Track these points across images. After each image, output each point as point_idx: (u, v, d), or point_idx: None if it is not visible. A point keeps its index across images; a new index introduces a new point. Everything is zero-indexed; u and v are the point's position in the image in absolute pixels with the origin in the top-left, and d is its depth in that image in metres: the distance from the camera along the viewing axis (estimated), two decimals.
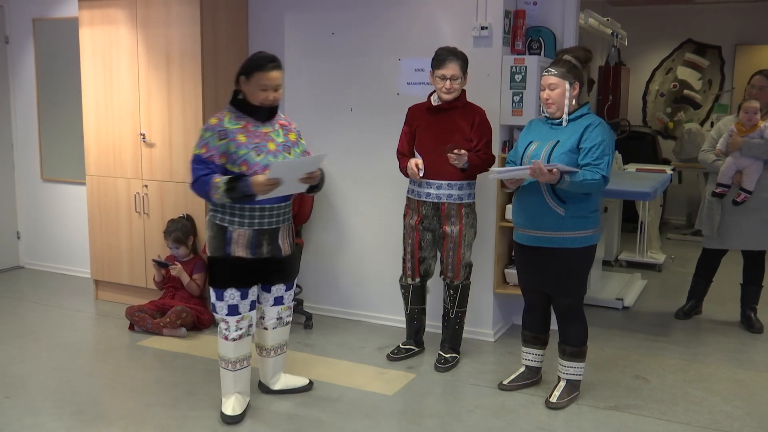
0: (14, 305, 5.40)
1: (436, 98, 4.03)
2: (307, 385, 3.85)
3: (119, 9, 5.05)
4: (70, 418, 3.51)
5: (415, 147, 4.08)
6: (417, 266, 4.19)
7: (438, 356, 4.20)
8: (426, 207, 4.08)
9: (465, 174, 3.98)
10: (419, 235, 4.13)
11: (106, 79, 5.19)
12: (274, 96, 3.42)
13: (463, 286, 4.13)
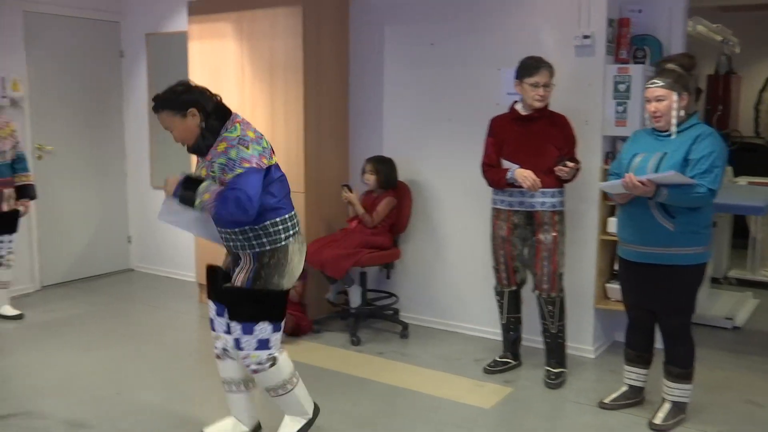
0: (125, 306, 5.66)
1: (523, 107, 4.00)
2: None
3: (226, 23, 5.23)
4: (176, 417, 3.64)
5: (502, 157, 4.04)
6: (512, 275, 4.16)
7: (546, 372, 4.12)
8: (518, 216, 4.04)
9: (556, 182, 3.94)
10: (511, 245, 4.09)
11: (213, 90, 5.35)
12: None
13: (560, 299, 4.05)
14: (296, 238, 3.08)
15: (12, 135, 5.11)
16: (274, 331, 3.06)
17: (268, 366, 3.07)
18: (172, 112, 2.94)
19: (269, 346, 3.05)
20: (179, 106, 2.93)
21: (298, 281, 4.90)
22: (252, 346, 3.03)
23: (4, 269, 5.23)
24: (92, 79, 6.36)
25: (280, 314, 3.08)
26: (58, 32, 6.07)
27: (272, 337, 3.06)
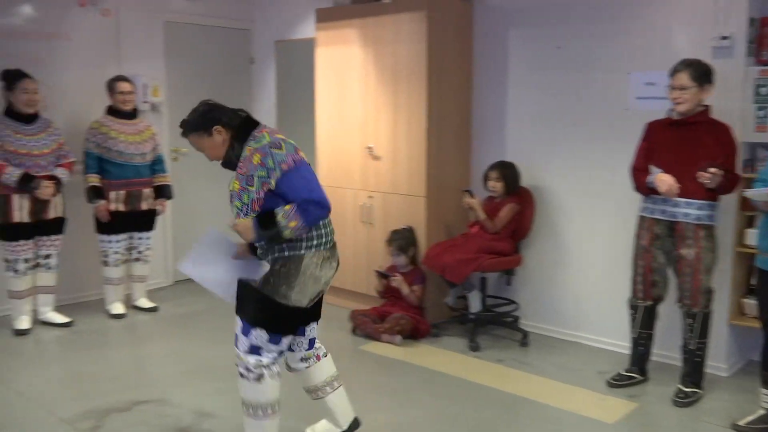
0: None
1: (676, 112, 3.83)
2: None
3: (352, 29, 5.33)
4: (296, 413, 3.74)
5: (652, 162, 3.88)
6: (648, 289, 3.99)
7: (677, 390, 3.93)
8: (660, 226, 3.87)
9: (707, 193, 3.73)
10: (651, 256, 3.92)
11: (338, 95, 5.51)
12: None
13: (704, 314, 3.84)
14: (318, 252, 2.96)
15: (152, 138, 5.42)
16: (270, 341, 2.94)
17: (252, 377, 2.96)
18: (199, 133, 3.00)
19: (260, 354, 2.95)
20: (204, 126, 2.98)
21: (418, 285, 4.96)
22: (244, 347, 2.96)
23: (142, 264, 5.54)
24: (224, 85, 6.64)
25: (280, 328, 2.95)
26: (194, 40, 6.38)
27: (266, 346, 2.94)
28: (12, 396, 3.93)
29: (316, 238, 2.95)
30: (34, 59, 5.33)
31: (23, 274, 4.95)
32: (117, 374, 4.27)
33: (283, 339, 2.97)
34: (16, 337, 4.92)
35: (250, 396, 2.99)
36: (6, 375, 4.21)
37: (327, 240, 3.00)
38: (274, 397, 3.02)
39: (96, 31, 5.71)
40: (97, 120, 5.25)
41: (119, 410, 3.74)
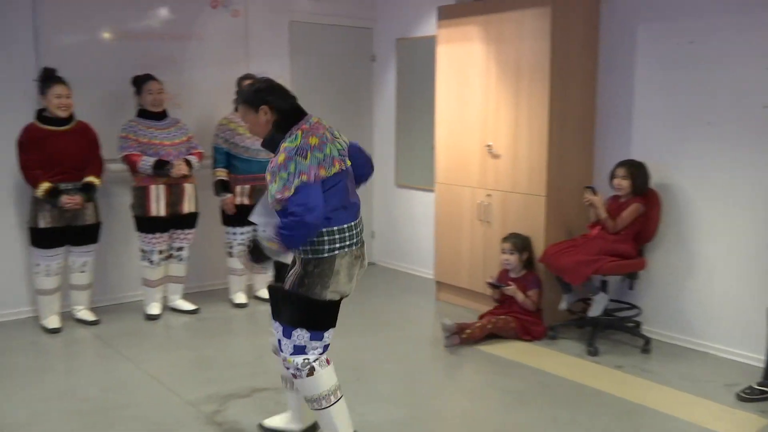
0: (367, 297, 5.95)
1: None
2: None
3: (474, 26, 5.29)
4: (409, 409, 3.76)
5: None
6: None
7: None
8: None
9: None
10: None
11: (458, 92, 5.48)
12: None
13: None
14: (350, 251, 2.99)
15: None
16: (312, 339, 3.00)
17: (304, 374, 3.01)
18: (247, 106, 3.05)
19: (305, 352, 3.00)
20: (253, 102, 3.03)
21: (533, 290, 4.86)
22: (289, 350, 3.01)
23: None
24: (346, 83, 6.76)
25: (319, 324, 3.00)
26: (318, 39, 6.53)
27: (310, 344, 3.00)
28: (142, 376, 4.16)
29: (348, 239, 2.98)
30: (168, 59, 5.62)
31: (157, 264, 5.23)
32: (238, 361, 4.43)
33: (324, 334, 3.03)
34: (147, 322, 5.21)
35: (309, 391, 3.05)
36: (138, 356, 4.47)
37: (357, 240, 3.03)
38: (330, 384, 3.07)
39: (226, 32, 5.95)
40: (226, 117, 5.47)
41: (240, 396, 3.88)
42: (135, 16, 5.51)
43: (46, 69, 4.84)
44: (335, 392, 3.08)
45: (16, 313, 5.23)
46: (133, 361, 4.40)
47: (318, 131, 2.98)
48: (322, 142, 2.94)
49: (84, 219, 4.94)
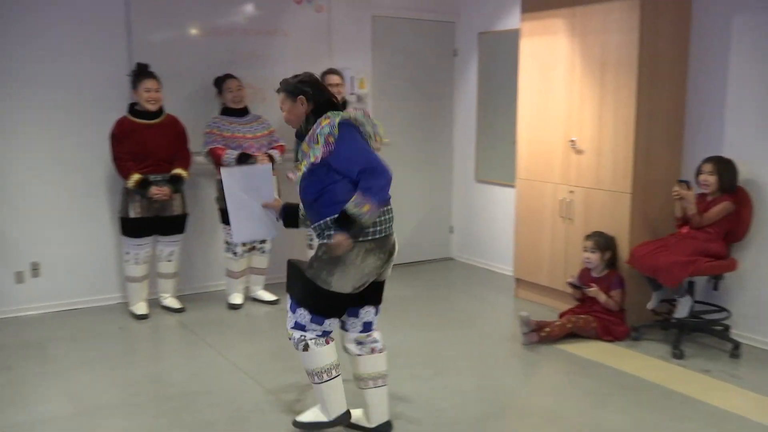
0: (444, 293, 5.95)
1: None
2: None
3: (559, 19, 5.20)
4: (487, 405, 3.73)
5: None
6: None
7: None
8: None
9: None
10: None
11: (541, 86, 5.40)
12: None
13: None
14: (361, 244, 3.04)
15: None
16: (313, 322, 3.14)
17: (300, 348, 3.18)
18: (287, 95, 3.21)
19: (304, 330, 3.16)
20: (293, 91, 3.18)
21: (616, 290, 4.74)
22: (290, 323, 3.20)
23: None
24: (427, 77, 6.75)
25: (321, 310, 3.12)
26: (400, 33, 6.54)
27: (309, 325, 3.15)
28: (225, 364, 4.27)
29: (362, 234, 3.05)
30: (253, 54, 5.74)
31: (240, 256, 5.36)
32: None
33: (326, 320, 3.15)
34: (230, 311, 5.34)
35: (305, 365, 3.23)
36: (220, 344, 4.59)
37: (381, 227, 3.12)
38: (326, 362, 3.20)
39: (309, 27, 6.03)
40: None
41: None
42: (221, 12, 5.64)
43: (139, 64, 5.02)
44: (329, 371, 3.22)
45: (107, 299, 5.45)
46: (216, 348, 4.52)
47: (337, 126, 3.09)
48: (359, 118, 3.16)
49: (172, 210, 5.10)
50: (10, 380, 4.01)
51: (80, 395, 3.81)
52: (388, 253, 3.20)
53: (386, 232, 3.17)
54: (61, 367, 4.22)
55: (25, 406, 3.66)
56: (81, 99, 5.19)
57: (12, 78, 4.95)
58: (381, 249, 3.13)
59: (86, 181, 5.29)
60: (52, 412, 3.61)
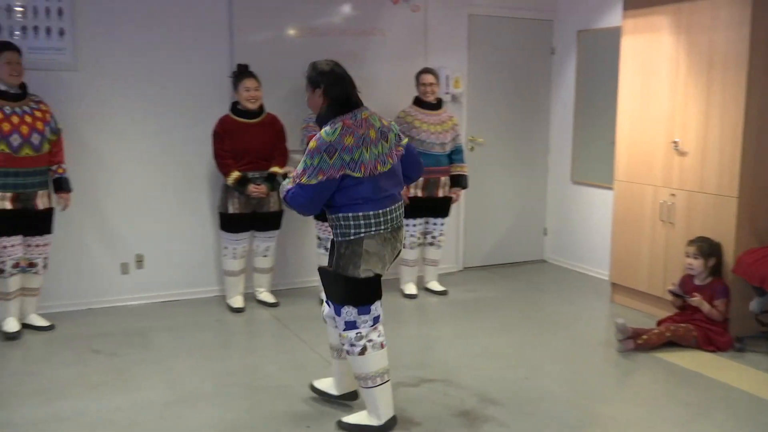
0: (536, 295, 5.85)
1: None
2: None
3: (664, 16, 5.01)
4: (578, 412, 3.65)
5: None
6: None
7: None
8: None
9: None
10: None
11: (643, 85, 5.22)
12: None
13: None
14: (378, 234, 3.22)
15: (453, 128, 5.61)
16: (361, 313, 3.25)
17: (356, 351, 3.26)
18: (307, 83, 3.34)
19: (357, 326, 3.25)
20: (313, 81, 3.30)
21: (721, 299, 4.54)
22: (342, 326, 3.29)
23: (435, 249, 5.79)
24: (523, 76, 6.66)
25: (362, 298, 3.25)
26: (496, 32, 6.48)
27: (359, 319, 3.25)
28: (317, 360, 4.34)
29: (374, 225, 3.22)
30: (350, 54, 5.79)
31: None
32: (407, 350, 4.51)
33: (371, 307, 3.28)
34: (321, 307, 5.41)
35: (357, 369, 3.31)
36: (313, 339, 4.66)
37: (386, 226, 3.25)
38: (378, 367, 3.29)
39: (406, 26, 6.05)
40: (404, 110, 5.57)
41: (408, 385, 3.95)
42: (319, 13, 5.73)
43: (240, 65, 5.16)
44: (382, 375, 3.31)
45: (205, 291, 5.64)
46: (309, 343, 4.60)
47: (359, 130, 3.19)
48: (356, 145, 3.16)
49: (269, 206, 5.22)
50: (114, 366, 4.20)
51: (178, 383, 3.96)
52: (399, 241, 3.38)
53: (399, 223, 3.35)
54: (161, 355, 4.39)
55: (128, 391, 3.84)
56: (185, 97, 5.38)
57: (119, 76, 5.18)
58: (395, 238, 3.33)
59: (188, 177, 5.48)
60: (152, 397, 3.76)
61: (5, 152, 4.38)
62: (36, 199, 4.59)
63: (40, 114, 4.57)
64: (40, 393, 3.80)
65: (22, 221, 4.57)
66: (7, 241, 4.49)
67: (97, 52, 5.10)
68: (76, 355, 4.36)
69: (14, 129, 4.41)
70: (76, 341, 4.60)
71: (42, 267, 4.75)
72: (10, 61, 4.42)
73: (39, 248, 4.70)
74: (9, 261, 4.53)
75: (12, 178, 4.45)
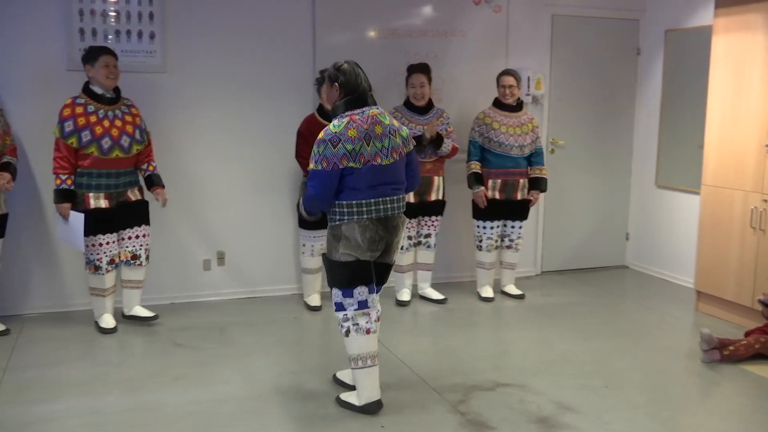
0: (617, 302, 5.70)
1: None
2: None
3: (758, 14, 4.81)
4: (659, 423, 3.53)
5: None
6: None
7: None
8: None
9: None
10: None
11: (735, 86, 5.03)
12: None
13: None
14: (358, 223, 3.44)
15: (533, 130, 5.53)
16: (345, 296, 3.52)
17: (342, 332, 3.55)
18: (327, 78, 3.60)
19: (344, 308, 3.52)
20: (330, 77, 3.56)
21: None
22: (334, 307, 3.56)
23: (512, 252, 5.72)
24: (607, 77, 6.50)
25: (344, 281, 3.50)
26: (580, 32, 6.35)
27: (345, 301, 3.52)
28: (392, 359, 4.35)
29: (357, 214, 3.44)
30: (430, 55, 5.79)
31: (406, 250, 5.44)
32: (483, 354, 4.47)
33: (354, 291, 3.50)
34: (397, 307, 5.44)
35: (346, 348, 3.58)
36: (388, 340, 4.68)
37: (373, 215, 3.46)
38: (363, 350, 3.53)
39: (487, 27, 6.00)
40: (483, 111, 5.53)
41: (484, 389, 3.91)
42: (400, 15, 5.74)
43: (322, 72, 5.23)
44: (365, 359, 3.54)
45: (284, 289, 5.73)
46: (384, 343, 4.61)
47: (364, 124, 3.43)
48: (358, 137, 3.39)
49: None
50: (195, 359, 4.32)
51: (256, 378, 4.04)
52: (387, 231, 3.53)
53: (384, 213, 3.49)
54: (240, 350, 4.49)
55: (207, 385, 3.94)
56: (267, 98, 5.49)
57: (205, 78, 5.33)
58: (378, 227, 3.49)
59: (269, 177, 5.58)
60: (230, 391, 3.85)
61: (95, 155, 4.56)
62: (127, 194, 4.76)
63: (131, 118, 4.72)
64: (125, 383, 3.95)
65: (119, 217, 4.73)
66: (103, 239, 4.67)
67: (185, 54, 5.25)
68: (160, 348, 4.51)
69: (106, 132, 4.57)
70: (160, 334, 4.76)
71: (144, 259, 4.89)
72: (107, 64, 4.58)
73: (139, 239, 4.84)
74: (105, 258, 4.71)
75: (104, 179, 4.62)
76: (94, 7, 5.01)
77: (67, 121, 4.49)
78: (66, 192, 4.53)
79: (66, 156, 4.50)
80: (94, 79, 4.58)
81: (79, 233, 4.52)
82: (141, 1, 5.10)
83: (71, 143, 4.49)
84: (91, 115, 4.53)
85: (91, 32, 5.02)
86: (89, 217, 4.55)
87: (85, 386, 3.89)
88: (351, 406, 3.61)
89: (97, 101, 4.59)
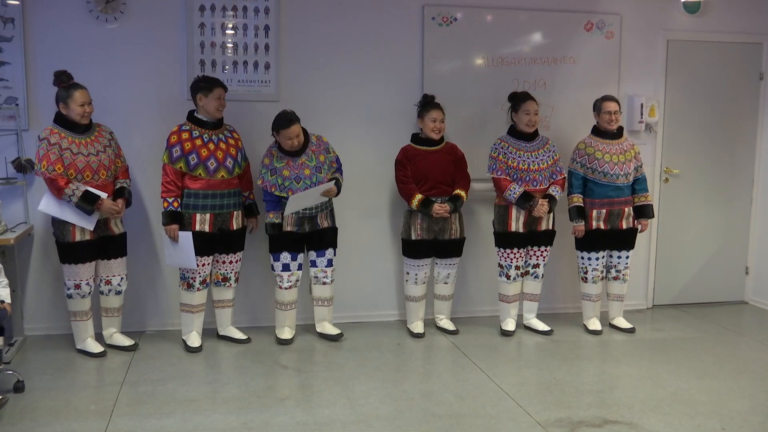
0: (735, 340, 5.40)
1: None
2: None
3: None
4: None
5: None
6: None
7: None
8: None
9: None
10: None
11: None
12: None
13: None
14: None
15: (636, 157, 5.37)
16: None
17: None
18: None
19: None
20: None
21: None
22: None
23: (619, 283, 5.53)
24: (726, 103, 6.23)
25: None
26: (698, 58, 6.12)
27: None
28: (494, 389, 4.28)
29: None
30: (538, 82, 5.74)
31: (513, 280, 5.36)
32: (589, 388, 4.33)
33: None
34: (501, 337, 5.36)
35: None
36: (491, 369, 4.61)
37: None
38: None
39: (598, 53, 5.88)
40: (583, 141, 5.40)
41: (590, 425, 3.78)
42: (509, 43, 5.72)
43: (426, 95, 5.27)
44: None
45: (386, 315, 5.76)
46: (487, 373, 4.55)
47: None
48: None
49: (450, 233, 5.26)
50: (299, 381, 4.40)
51: (358, 403, 4.06)
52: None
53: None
54: (343, 374, 4.53)
55: (310, 408, 3.99)
56: (372, 127, 5.57)
57: (313, 105, 5.44)
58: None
59: (372, 204, 5.65)
60: (333, 415, 3.89)
61: (202, 177, 4.78)
62: (231, 220, 4.95)
63: (233, 141, 4.96)
64: (232, 402, 4.06)
65: (218, 242, 4.95)
66: (200, 260, 4.88)
67: (297, 83, 5.42)
68: (265, 368, 4.62)
69: (211, 154, 4.82)
70: (265, 355, 4.88)
71: (233, 281, 5.11)
72: (219, 97, 4.83)
73: (232, 264, 5.06)
74: (198, 278, 4.92)
75: (210, 200, 4.84)
76: (215, 39, 5.26)
77: (174, 147, 4.76)
78: (174, 214, 4.78)
79: (173, 180, 4.77)
80: (203, 108, 4.83)
81: (189, 251, 4.75)
82: (258, 33, 5.32)
83: (179, 167, 4.75)
84: (197, 139, 4.80)
85: (210, 63, 5.27)
86: (193, 237, 4.80)
87: (193, 403, 4.04)
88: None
89: (201, 127, 4.84)
